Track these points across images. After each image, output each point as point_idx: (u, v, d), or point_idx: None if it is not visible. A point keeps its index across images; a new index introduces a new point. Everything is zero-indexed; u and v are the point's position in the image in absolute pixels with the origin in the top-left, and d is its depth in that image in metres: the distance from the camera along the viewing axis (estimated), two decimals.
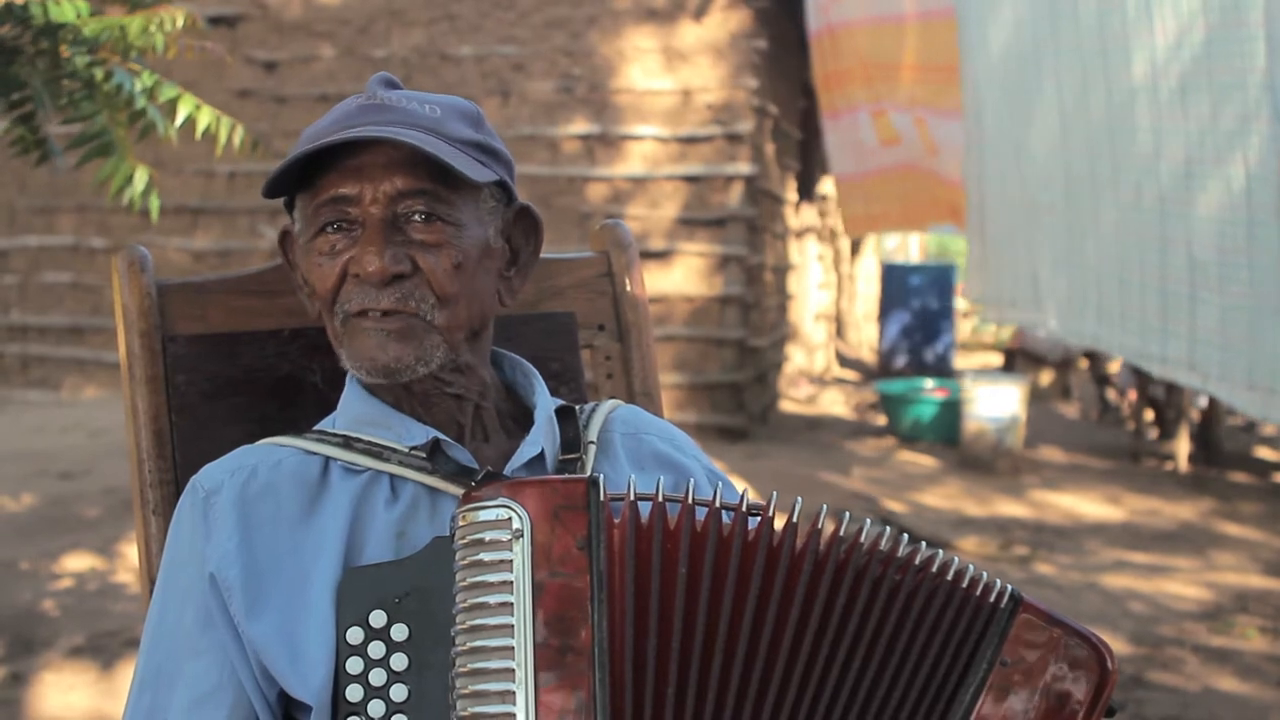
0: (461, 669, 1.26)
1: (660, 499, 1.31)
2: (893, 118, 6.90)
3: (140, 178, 3.31)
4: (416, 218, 1.41)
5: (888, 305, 14.09)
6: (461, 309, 1.44)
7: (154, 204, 3.41)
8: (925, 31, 6.09)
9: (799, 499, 1.34)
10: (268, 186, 1.44)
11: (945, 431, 9.99)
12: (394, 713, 1.32)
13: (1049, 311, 5.04)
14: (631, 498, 1.31)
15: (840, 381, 14.06)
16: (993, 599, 1.34)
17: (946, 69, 5.78)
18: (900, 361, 13.52)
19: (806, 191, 12.78)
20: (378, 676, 1.33)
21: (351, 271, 1.42)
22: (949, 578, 1.34)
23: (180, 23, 3.24)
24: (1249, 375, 3.71)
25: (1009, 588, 1.35)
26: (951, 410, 9.98)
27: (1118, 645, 5.49)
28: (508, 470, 1.44)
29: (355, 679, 1.33)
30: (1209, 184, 3.82)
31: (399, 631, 1.33)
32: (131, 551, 6.02)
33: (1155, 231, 4.15)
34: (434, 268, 1.41)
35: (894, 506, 7.89)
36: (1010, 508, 8.20)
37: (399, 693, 1.32)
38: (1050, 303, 4.95)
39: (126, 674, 4.69)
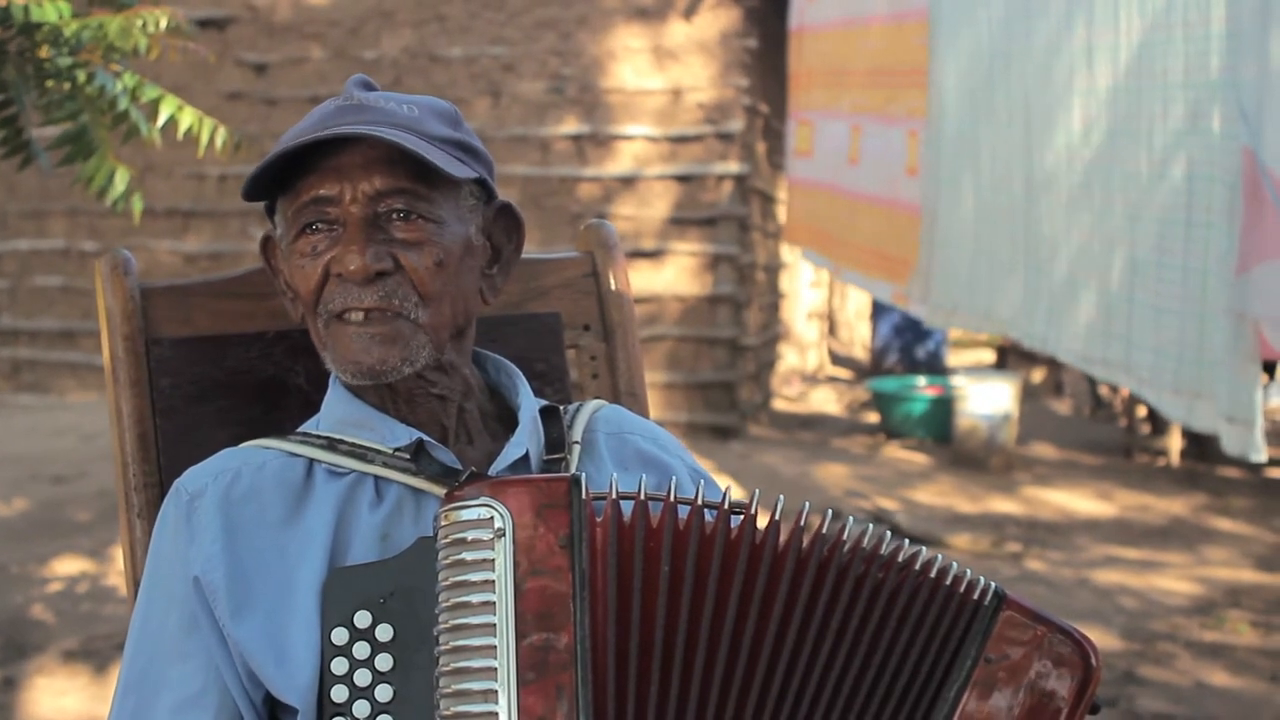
0: (444, 668, 1.26)
1: (643, 497, 1.31)
2: (819, 127, 6.79)
3: (121, 178, 3.30)
4: (397, 216, 1.41)
5: (880, 304, 14.09)
6: (445, 306, 1.44)
7: (136, 205, 3.40)
8: (891, 33, 6.02)
9: (781, 497, 1.34)
10: (247, 187, 1.44)
11: (937, 429, 9.99)
12: (379, 713, 1.32)
13: (1000, 315, 5.01)
14: (614, 496, 1.31)
15: (833, 380, 14.06)
16: (976, 596, 1.34)
17: (904, 73, 5.75)
18: (892, 359, 13.51)
19: None
20: (362, 677, 1.33)
21: (334, 271, 1.42)
22: (932, 575, 1.34)
23: (164, 23, 3.23)
24: (1175, 379, 3.70)
25: (992, 585, 1.35)
26: (944, 407, 9.98)
27: (1109, 641, 5.50)
28: (492, 471, 1.44)
29: (340, 680, 1.33)
30: (1156, 184, 3.82)
31: (384, 632, 1.33)
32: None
33: (1103, 232, 4.14)
34: (416, 265, 1.41)
35: (887, 504, 7.90)
36: (1002, 504, 8.21)
37: (384, 693, 1.32)
38: (1004, 306, 4.93)
39: None
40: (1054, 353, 4.78)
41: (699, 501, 1.31)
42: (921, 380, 11.47)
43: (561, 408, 1.56)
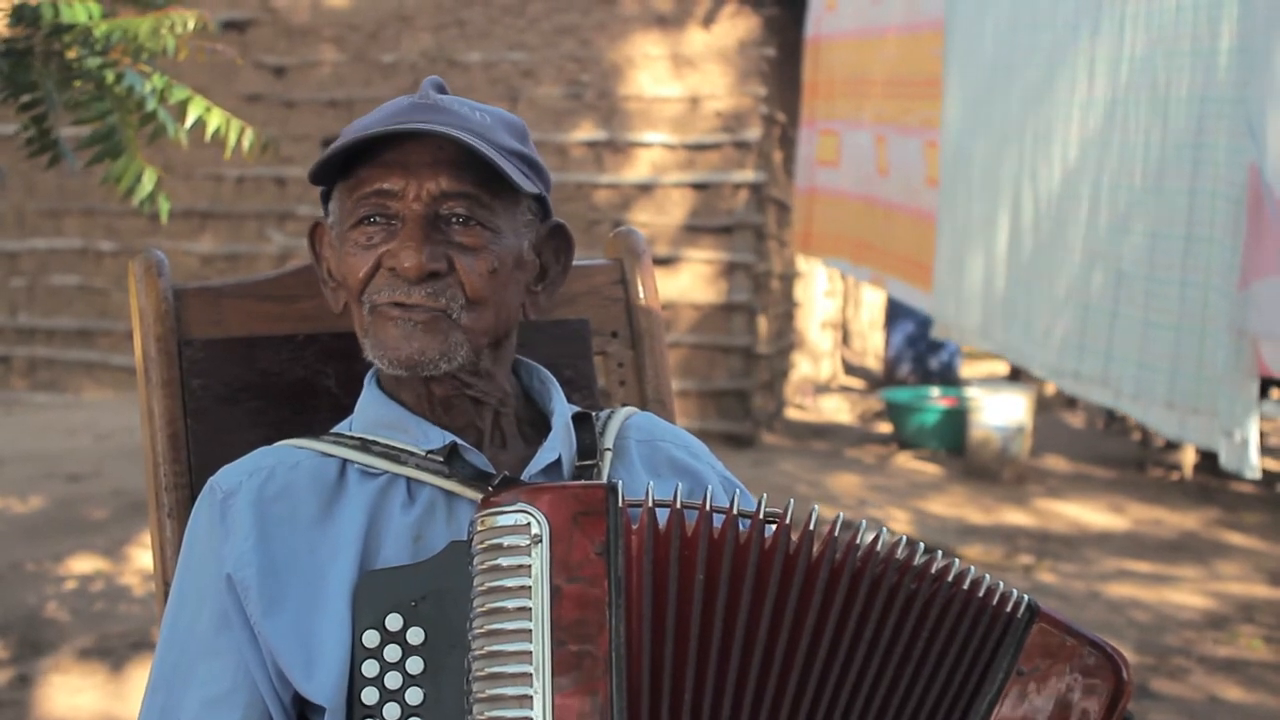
0: (478, 673, 1.26)
1: (678, 505, 1.31)
2: (845, 137, 6.76)
3: (149, 178, 3.32)
4: (456, 220, 1.42)
5: (893, 313, 14.06)
6: (489, 313, 1.44)
7: (164, 205, 3.42)
8: (906, 43, 6.00)
9: (815, 506, 1.35)
10: (316, 171, 1.45)
11: (950, 439, 9.98)
12: (409, 716, 1.33)
13: (990, 331, 4.99)
14: (649, 504, 1.31)
15: (846, 389, 14.05)
16: (1009, 608, 1.35)
17: (919, 83, 5.73)
18: (905, 369, 13.49)
19: None
20: (393, 680, 1.33)
21: (386, 265, 1.42)
22: (965, 587, 1.34)
23: (191, 25, 3.25)
24: (1168, 394, 3.67)
25: (1025, 597, 1.36)
26: (957, 418, 9.97)
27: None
28: (525, 476, 1.45)
29: (371, 682, 1.33)
30: (1149, 198, 3.79)
31: (415, 635, 1.34)
32: (138, 554, 6.02)
33: (1086, 246, 4.12)
34: (469, 270, 1.42)
35: (899, 514, 7.89)
36: (1015, 516, 8.19)
37: (414, 696, 1.33)
38: (995, 321, 4.91)
39: (134, 676, 4.69)
40: (1027, 366, 4.76)
41: (734, 510, 1.32)
42: (935, 391, 11.46)
43: (594, 414, 1.57)
